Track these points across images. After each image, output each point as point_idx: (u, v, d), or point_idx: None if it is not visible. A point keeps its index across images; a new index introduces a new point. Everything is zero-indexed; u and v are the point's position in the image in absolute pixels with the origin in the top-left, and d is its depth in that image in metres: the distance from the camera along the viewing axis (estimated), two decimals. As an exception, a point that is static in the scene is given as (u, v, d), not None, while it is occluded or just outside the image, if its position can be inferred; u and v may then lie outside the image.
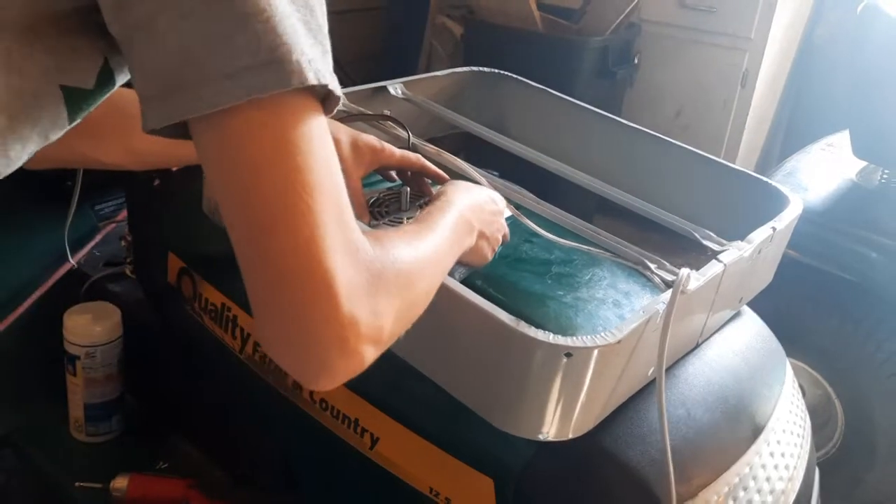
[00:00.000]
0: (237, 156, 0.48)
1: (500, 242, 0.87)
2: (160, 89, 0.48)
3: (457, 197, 0.77)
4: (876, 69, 1.83)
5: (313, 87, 0.48)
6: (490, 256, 0.85)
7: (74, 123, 0.58)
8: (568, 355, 0.72)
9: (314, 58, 0.48)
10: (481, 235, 0.80)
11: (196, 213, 1.01)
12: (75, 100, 0.55)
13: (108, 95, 0.58)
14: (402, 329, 0.57)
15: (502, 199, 0.89)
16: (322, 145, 0.50)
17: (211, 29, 0.46)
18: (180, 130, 0.49)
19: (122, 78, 0.58)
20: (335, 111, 0.53)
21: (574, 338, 0.72)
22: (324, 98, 0.51)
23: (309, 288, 0.48)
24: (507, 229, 0.89)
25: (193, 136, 0.50)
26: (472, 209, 0.78)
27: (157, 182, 1.13)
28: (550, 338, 0.72)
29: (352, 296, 0.49)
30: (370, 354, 0.52)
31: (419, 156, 0.99)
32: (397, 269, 0.55)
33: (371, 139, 0.95)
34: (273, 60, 0.46)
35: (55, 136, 0.57)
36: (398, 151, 0.96)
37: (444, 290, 0.76)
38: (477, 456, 0.82)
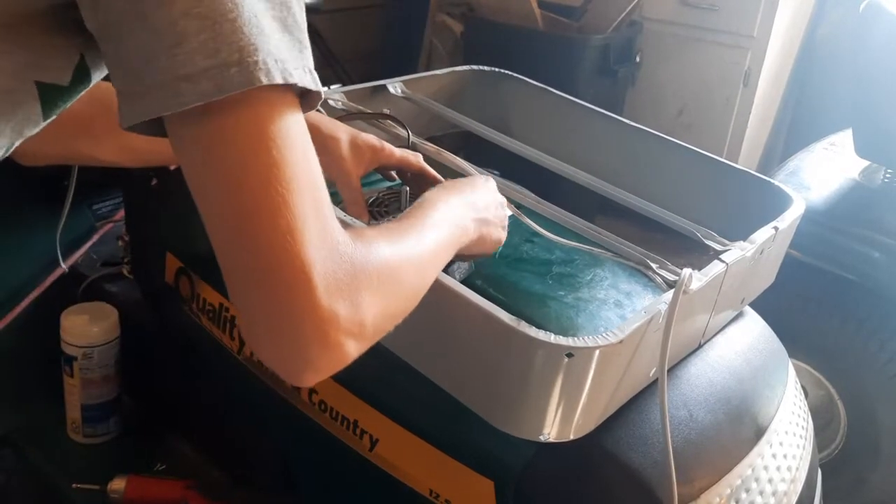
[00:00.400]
0: (211, 152, 0.48)
1: (505, 220, 0.86)
2: (128, 87, 0.48)
3: (441, 195, 0.75)
4: (878, 68, 1.82)
5: (288, 84, 0.48)
6: (503, 236, 0.83)
7: (49, 119, 0.58)
8: (569, 355, 0.71)
9: (285, 56, 0.48)
10: (482, 222, 0.79)
11: (194, 213, 1.00)
12: (50, 96, 0.56)
13: (83, 92, 0.58)
14: (388, 325, 0.57)
15: (489, 178, 0.88)
16: (298, 140, 0.50)
17: (167, 31, 0.46)
18: (156, 128, 0.49)
19: (98, 75, 0.58)
20: (317, 106, 0.54)
21: (575, 338, 0.72)
22: (304, 94, 0.51)
23: (287, 281, 0.48)
24: (504, 200, 0.87)
25: (168, 133, 0.50)
26: (462, 203, 0.76)
27: (154, 181, 1.12)
28: (552, 338, 0.71)
29: (331, 288, 0.49)
30: (352, 348, 0.52)
31: (419, 156, 0.98)
32: (379, 264, 0.55)
33: (371, 138, 0.94)
34: (235, 62, 0.46)
35: (29, 131, 0.57)
36: (398, 151, 0.96)
37: (444, 290, 0.76)
38: (477, 458, 0.81)
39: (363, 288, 0.52)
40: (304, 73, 0.50)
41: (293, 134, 0.49)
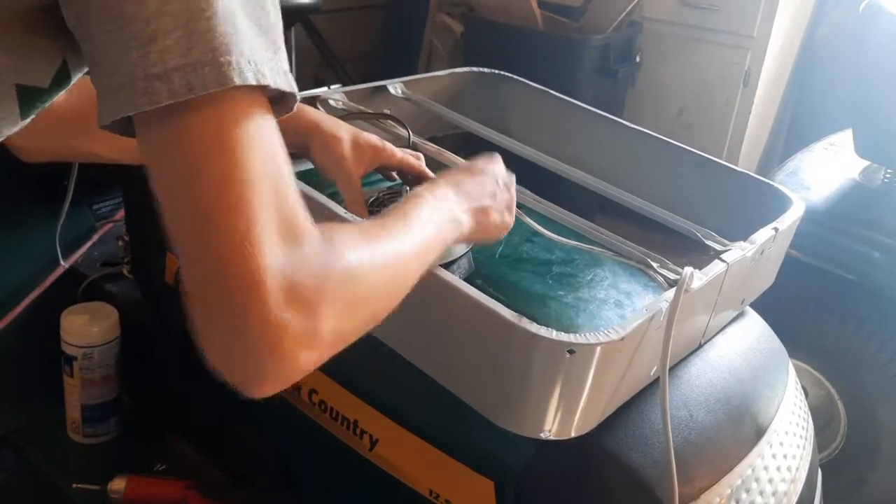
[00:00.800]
0: (174, 153, 0.47)
1: (512, 201, 0.84)
2: (104, 85, 0.48)
3: (431, 188, 0.74)
4: (878, 68, 1.82)
5: (260, 86, 0.48)
6: (508, 219, 0.82)
7: (27, 120, 0.57)
8: (571, 352, 0.71)
9: (258, 57, 0.48)
10: (479, 211, 0.77)
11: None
12: (29, 98, 0.55)
13: (62, 92, 0.58)
14: (353, 331, 0.55)
15: (494, 156, 0.85)
16: (265, 142, 0.49)
17: (141, 29, 0.45)
18: (131, 129, 0.49)
19: (78, 76, 0.58)
20: (292, 109, 0.53)
21: (577, 334, 0.72)
22: (279, 97, 0.51)
23: (241, 287, 0.46)
24: (512, 178, 0.85)
25: (136, 133, 0.49)
26: (454, 194, 0.75)
27: (154, 181, 1.12)
28: (553, 334, 0.71)
29: (288, 296, 0.47)
30: (306, 358, 0.49)
31: (421, 157, 0.97)
32: (344, 269, 0.53)
33: (372, 138, 0.94)
34: (209, 61, 0.46)
35: (8, 130, 0.57)
36: (399, 152, 0.95)
37: (445, 286, 0.76)
38: (477, 458, 0.81)
39: (322, 296, 0.50)
40: (277, 74, 0.49)
41: (260, 136, 0.48)
